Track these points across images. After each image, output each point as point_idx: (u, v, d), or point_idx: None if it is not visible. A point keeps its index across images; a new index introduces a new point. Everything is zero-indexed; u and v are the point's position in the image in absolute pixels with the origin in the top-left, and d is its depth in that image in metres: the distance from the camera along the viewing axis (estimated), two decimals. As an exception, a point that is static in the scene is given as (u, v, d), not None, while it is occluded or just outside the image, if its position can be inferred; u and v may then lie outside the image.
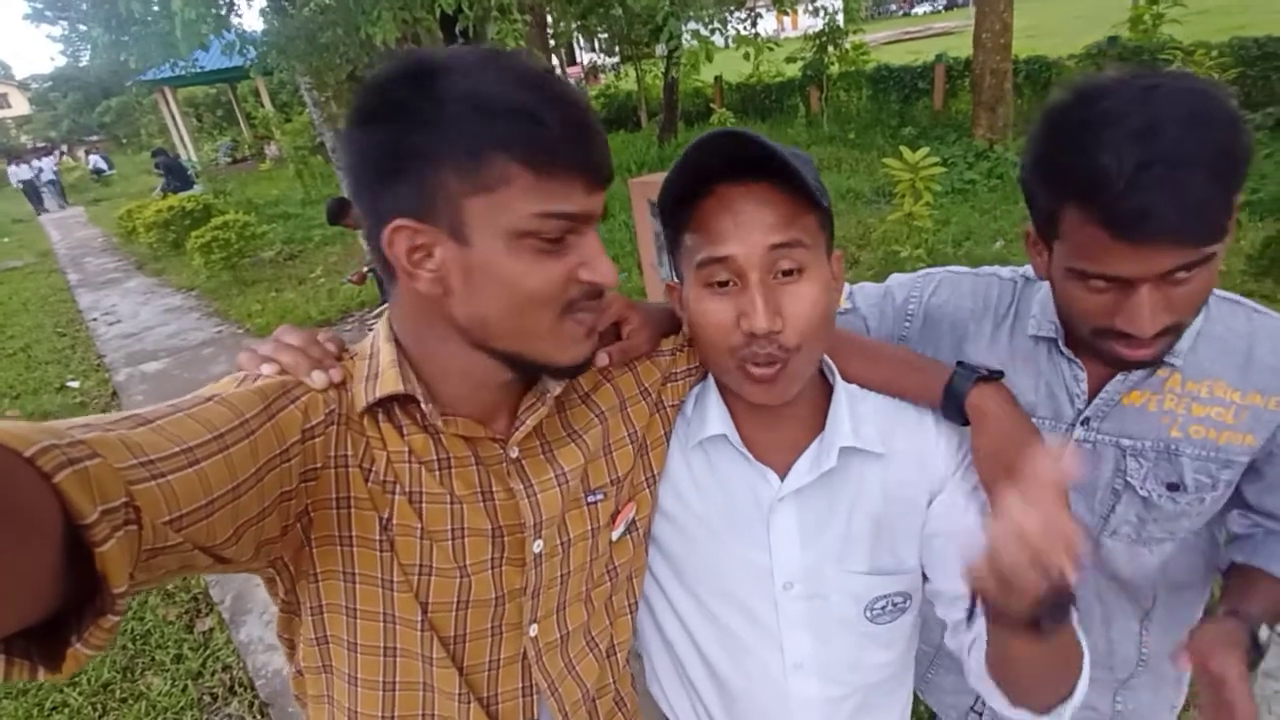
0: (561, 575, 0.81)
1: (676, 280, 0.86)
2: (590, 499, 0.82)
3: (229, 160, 20.02)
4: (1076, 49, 9.37)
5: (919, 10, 48.44)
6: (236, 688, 2.60)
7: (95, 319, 8.12)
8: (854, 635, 0.87)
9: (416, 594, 0.73)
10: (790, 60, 12.22)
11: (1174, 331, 0.80)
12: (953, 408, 0.85)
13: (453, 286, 0.65)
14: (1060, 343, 0.94)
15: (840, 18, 11.09)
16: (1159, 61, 7.47)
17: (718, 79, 13.21)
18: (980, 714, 1.16)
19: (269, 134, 17.53)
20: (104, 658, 2.73)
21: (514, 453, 0.76)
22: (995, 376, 0.86)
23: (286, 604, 0.75)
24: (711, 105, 11.50)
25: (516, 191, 0.62)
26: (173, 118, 17.44)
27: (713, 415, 0.85)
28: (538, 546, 0.77)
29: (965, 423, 0.85)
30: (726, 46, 8.36)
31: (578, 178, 0.64)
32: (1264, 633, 0.93)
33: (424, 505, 0.72)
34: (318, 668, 0.76)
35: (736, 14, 10.82)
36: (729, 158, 0.73)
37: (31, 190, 17.56)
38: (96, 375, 6.24)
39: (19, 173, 17.43)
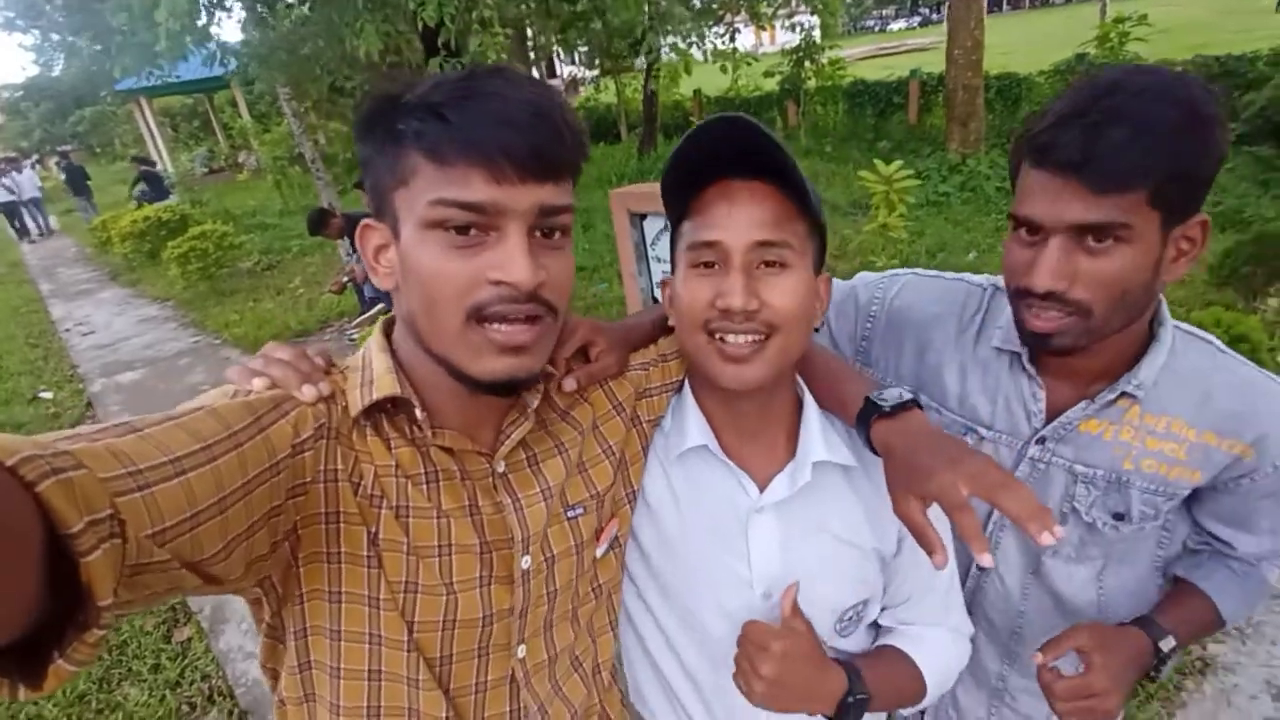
0: (548, 593, 0.80)
1: (671, 275, 0.88)
2: (570, 514, 0.82)
3: (205, 170, 19.79)
4: (1046, 66, 9.63)
5: (894, 26, 49.33)
6: (216, 696, 2.58)
7: (68, 330, 7.98)
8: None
9: (402, 612, 0.72)
10: (768, 75, 12.39)
11: (1079, 314, 0.80)
12: (867, 442, 0.83)
13: (399, 283, 0.69)
14: (1024, 358, 0.94)
15: (817, 33, 11.27)
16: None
17: (697, 93, 13.35)
18: (922, 713, 1.20)
19: (246, 144, 17.40)
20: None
21: (500, 467, 0.77)
22: (906, 407, 0.80)
23: (271, 629, 0.74)
24: (690, 119, 11.63)
25: (422, 182, 0.64)
26: (148, 127, 17.22)
27: (692, 427, 0.87)
28: (526, 562, 0.77)
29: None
30: (705, 60, 8.47)
31: (476, 166, 0.62)
32: (1167, 643, 0.95)
33: (410, 520, 0.71)
34: (299, 698, 0.75)
35: (715, 29, 10.96)
36: (737, 150, 0.75)
37: (11, 213, 15.32)
38: (70, 386, 6.14)
39: None
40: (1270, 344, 3.19)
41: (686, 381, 0.93)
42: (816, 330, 1.07)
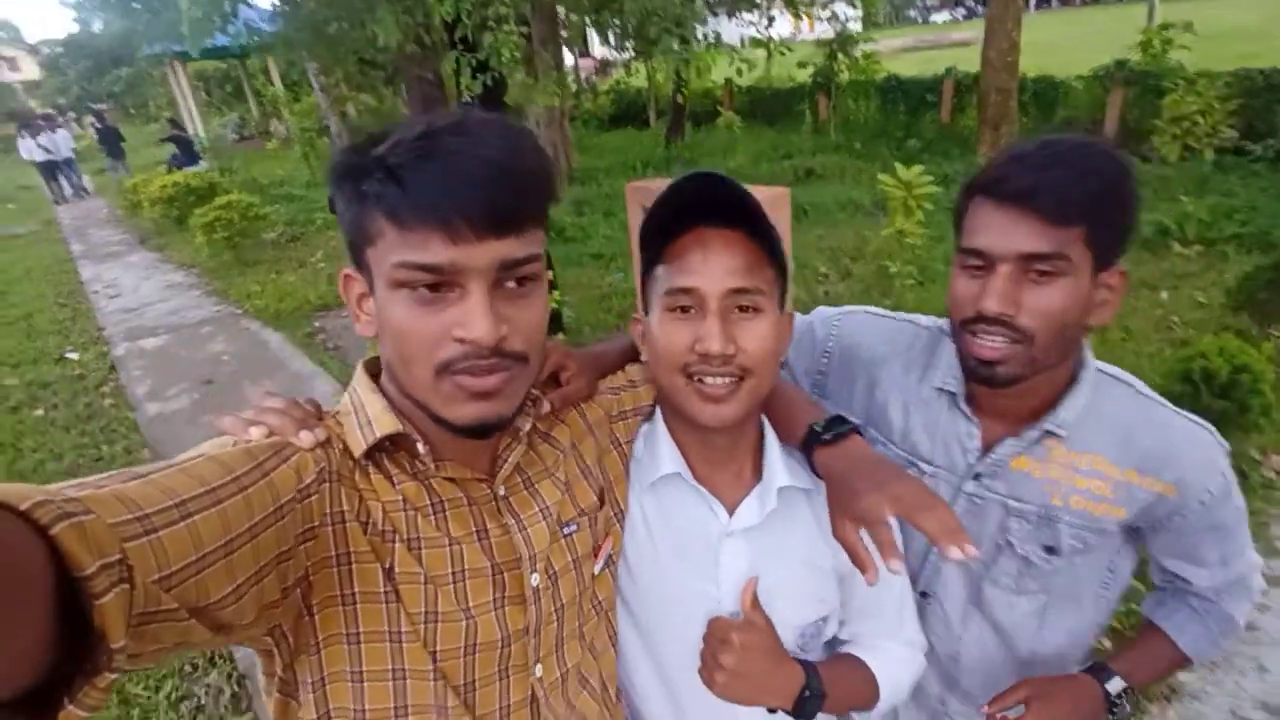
0: (556, 610, 0.83)
1: (643, 314, 0.92)
2: (565, 531, 0.85)
3: (236, 138, 20.03)
4: (1085, 70, 9.43)
5: (937, 19, 48.28)
6: (216, 658, 2.69)
7: (97, 291, 8.18)
8: None
9: (425, 643, 0.73)
10: (802, 65, 12.26)
11: (1022, 343, 0.87)
12: (808, 464, 0.89)
13: (378, 331, 0.72)
14: (959, 399, 1.01)
15: (853, 25, 11.09)
16: (1163, 89, 7.53)
17: (728, 81, 13.23)
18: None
19: (277, 113, 17.55)
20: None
21: (501, 490, 0.80)
22: (845, 436, 0.86)
23: (284, 683, 0.73)
24: (719, 108, 11.55)
25: (385, 244, 0.66)
26: (181, 91, 17.40)
27: (665, 455, 0.92)
28: (535, 580, 0.80)
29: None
30: (742, 46, 8.39)
31: (435, 231, 0.63)
32: (1114, 684, 1.01)
33: (423, 551, 0.73)
34: None
35: (748, 16, 10.83)
36: (709, 201, 0.80)
37: (48, 172, 15.35)
38: (95, 348, 6.31)
39: (31, 148, 15.02)
40: (1273, 376, 3.15)
41: (658, 411, 0.97)
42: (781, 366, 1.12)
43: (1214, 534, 0.97)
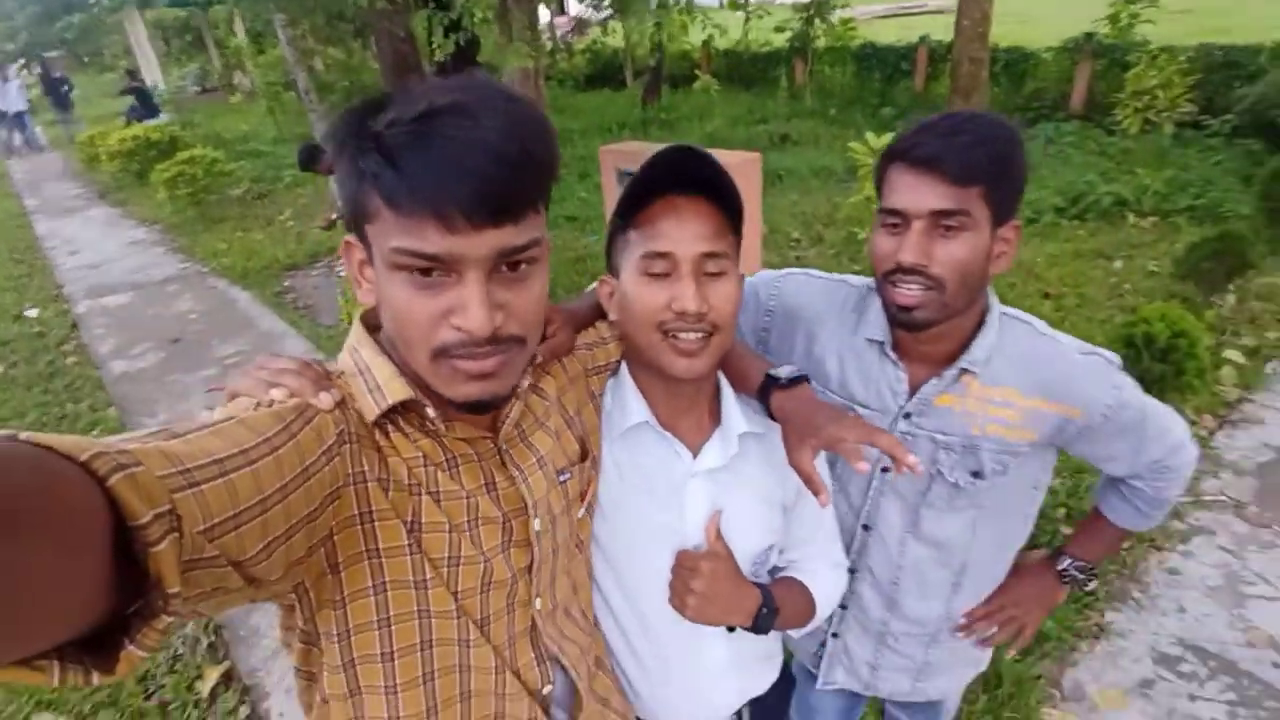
0: (553, 550, 0.89)
1: (611, 277, 0.98)
2: (561, 478, 0.91)
3: (198, 90, 19.35)
4: (1056, 41, 9.52)
5: (914, -15, 47.80)
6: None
7: (54, 247, 7.97)
8: None
9: (448, 585, 0.77)
10: (779, 30, 12.16)
11: (935, 289, 0.99)
12: (766, 411, 1.00)
13: (378, 301, 0.73)
14: (887, 346, 1.12)
15: (828, -10, 11.01)
16: (1128, 63, 7.66)
17: (705, 43, 13.08)
18: (823, 644, 1.36)
19: (240, 65, 16.96)
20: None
21: (504, 445, 0.84)
22: (797, 382, 0.98)
23: (305, 634, 0.76)
24: (697, 71, 11.42)
25: (383, 225, 0.66)
26: (138, 40, 16.69)
27: (632, 406, 1.00)
28: (537, 524, 0.85)
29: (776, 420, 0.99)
30: (720, 6, 8.30)
31: (430, 220, 0.63)
32: (1062, 562, 1.29)
33: (444, 503, 0.77)
34: (344, 694, 0.78)
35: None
36: (680, 170, 0.87)
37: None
38: (55, 306, 6.19)
39: None
40: (1210, 342, 3.32)
41: (624, 366, 1.04)
42: None
43: (1120, 435, 1.10)
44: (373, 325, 0.80)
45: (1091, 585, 1.30)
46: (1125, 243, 5.44)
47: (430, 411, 0.75)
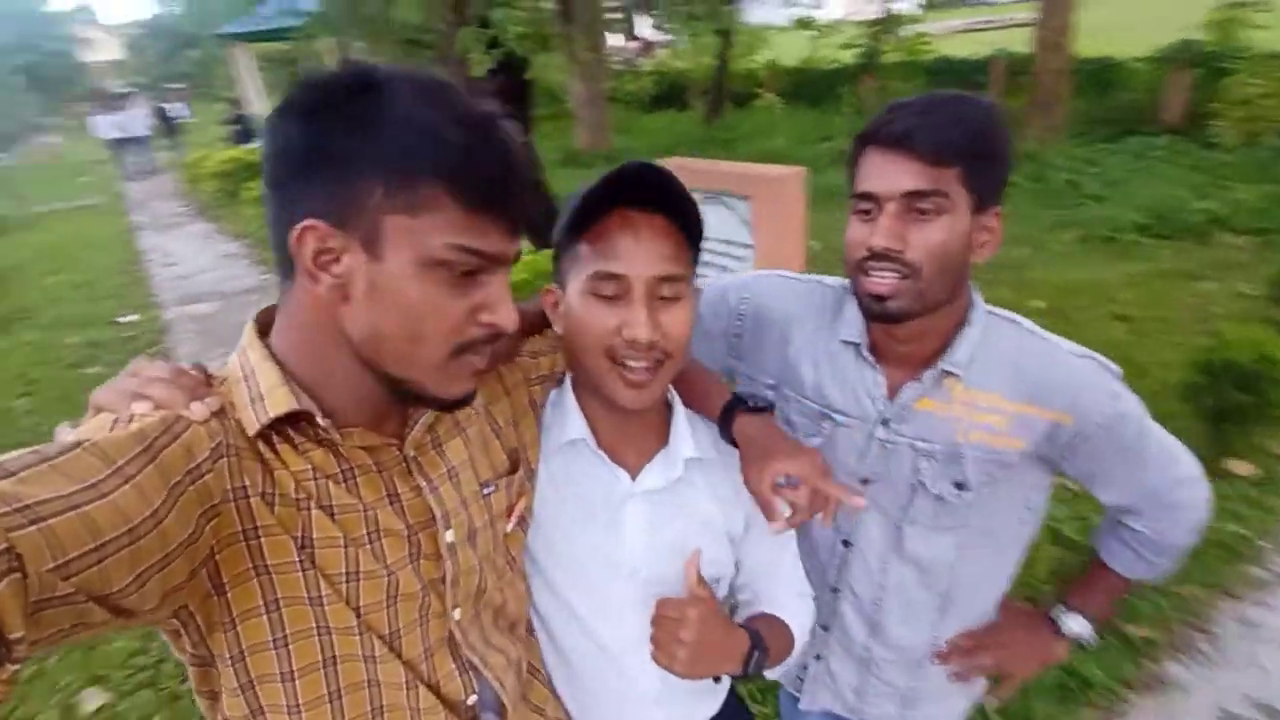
0: (477, 564, 0.84)
1: (557, 286, 0.92)
2: (485, 490, 0.86)
3: (294, 116, 20.53)
4: (1150, 49, 8.98)
5: (1001, -1, 46.36)
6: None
7: (153, 260, 8.60)
8: None
9: (347, 601, 0.73)
10: (846, 47, 11.99)
11: (911, 277, 0.93)
12: (726, 434, 0.96)
13: (352, 296, 0.66)
14: (863, 348, 1.05)
15: (901, 4, 10.79)
16: (1226, 71, 7.14)
17: (771, 63, 13.03)
18: (805, 667, 1.28)
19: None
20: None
21: (411, 453, 0.79)
22: (761, 409, 0.95)
23: (197, 657, 0.71)
24: (758, 89, 11.37)
25: (439, 220, 0.63)
26: (243, 72, 17.93)
27: (571, 421, 0.95)
28: (449, 536, 0.80)
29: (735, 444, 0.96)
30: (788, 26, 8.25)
31: (499, 220, 0.66)
32: (1072, 621, 1.15)
33: (338, 516, 0.72)
34: (245, 715, 0.73)
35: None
36: (636, 182, 0.81)
37: (120, 148, 15.65)
38: (148, 312, 6.66)
39: (105, 125, 15.40)
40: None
41: (568, 378, 0.99)
42: None
43: (1116, 453, 1.00)
44: (263, 326, 0.75)
45: (1091, 641, 1.16)
46: (1216, 263, 5.04)
47: (321, 420, 0.69)
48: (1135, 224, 5.79)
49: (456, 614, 0.83)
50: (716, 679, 0.94)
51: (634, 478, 0.95)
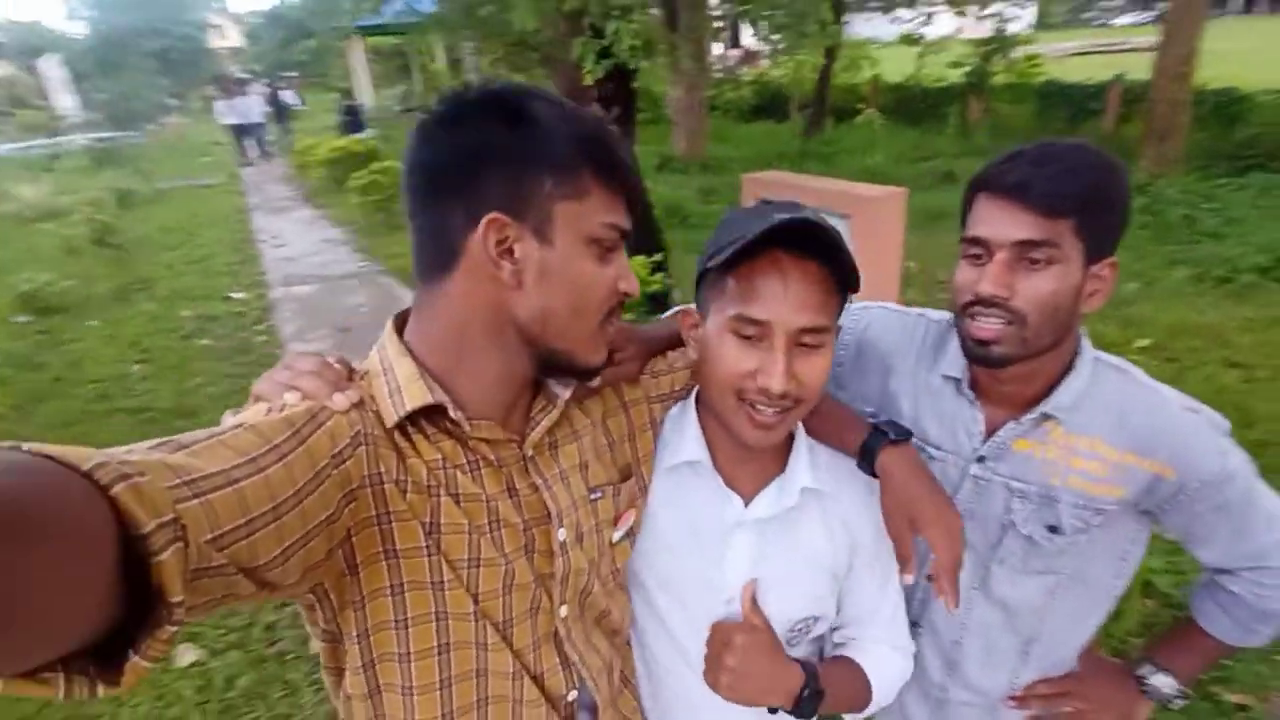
0: (588, 563, 0.88)
1: (698, 314, 0.91)
2: (593, 496, 0.89)
3: (401, 109, 21.50)
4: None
5: (1120, 21, 43.99)
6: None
7: (264, 240, 9.15)
8: None
9: (467, 587, 0.77)
10: (954, 65, 11.63)
11: (1016, 324, 0.93)
12: (866, 465, 0.96)
13: (525, 282, 0.74)
14: (963, 384, 1.05)
15: (1014, 25, 10.40)
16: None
17: (875, 78, 12.76)
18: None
19: (439, 87, 18.67)
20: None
21: (529, 452, 0.83)
22: (903, 438, 0.95)
23: (328, 633, 0.77)
24: (861, 105, 11.17)
25: (595, 203, 0.74)
26: (356, 64, 18.81)
27: (690, 441, 0.96)
28: (562, 534, 0.84)
29: (875, 475, 0.96)
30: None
31: (624, 199, 0.78)
32: (1146, 669, 1.11)
33: (465, 505, 0.77)
34: (364, 694, 0.78)
35: (906, 14, 10.38)
36: (795, 231, 0.79)
37: (239, 133, 16.50)
38: (255, 291, 7.10)
39: (225, 111, 16.24)
40: None
41: (693, 396, 1.00)
42: None
43: (1220, 513, 0.97)
44: (400, 323, 0.82)
45: (1178, 704, 1.10)
46: (1355, 314, 4.64)
47: (453, 413, 0.74)
48: (1256, 265, 5.39)
49: (563, 610, 0.86)
50: (773, 710, 0.93)
51: (747, 504, 0.95)
